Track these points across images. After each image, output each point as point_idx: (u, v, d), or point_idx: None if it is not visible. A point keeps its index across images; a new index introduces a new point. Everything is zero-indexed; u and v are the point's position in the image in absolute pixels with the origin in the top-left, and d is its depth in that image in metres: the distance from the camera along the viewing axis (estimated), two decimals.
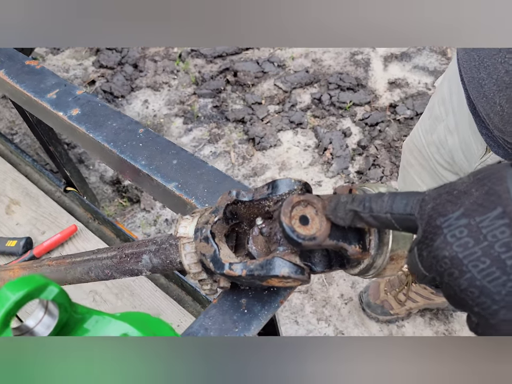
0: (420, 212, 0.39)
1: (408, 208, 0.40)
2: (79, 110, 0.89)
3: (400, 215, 0.41)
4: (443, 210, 0.36)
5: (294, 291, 1.72)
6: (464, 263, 0.34)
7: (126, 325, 0.49)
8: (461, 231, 0.34)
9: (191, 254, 0.62)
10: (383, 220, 0.43)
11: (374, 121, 2.13)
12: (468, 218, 0.34)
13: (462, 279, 0.34)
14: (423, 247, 0.38)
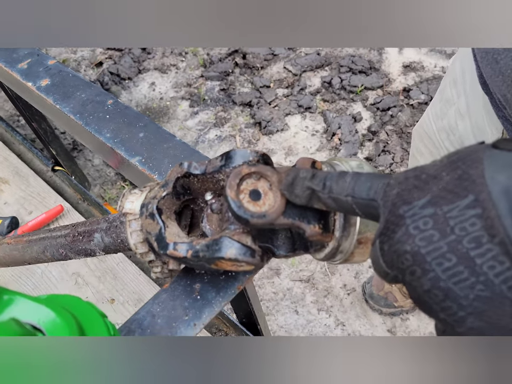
0: (384, 198, 0.34)
1: (371, 193, 0.35)
2: (49, 81, 0.84)
3: (362, 200, 0.36)
4: (408, 197, 0.31)
5: (297, 280, 1.66)
6: (427, 260, 0.29)
7: (42, 308, 0.43)
8: (425, 222, 0.30)
9: (137, 232, 0.56)
10: (343, 204, 0.38)
11: (386, 106, 2.04)
12: (435, 207, 0.30)
13: (425, 279, 0.29)
14: (384, 240, 0.33)
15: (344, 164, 0.52)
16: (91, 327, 0.46)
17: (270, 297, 1.65)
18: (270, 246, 0.54)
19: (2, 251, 0.79)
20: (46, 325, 0.43)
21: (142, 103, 2.19)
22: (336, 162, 0.53)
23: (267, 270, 1.69)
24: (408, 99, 2.08)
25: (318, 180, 0.41)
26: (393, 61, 2.22)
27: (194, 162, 0.54)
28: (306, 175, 0.43)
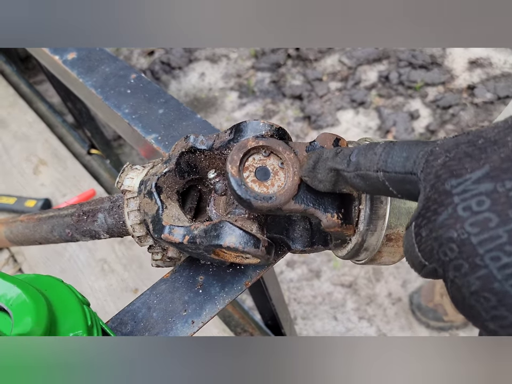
0: (425, 170, 0.27)
1: (408, 164, 0.28)
2: (75, 54, 0.80)
3: (396, 174, 0.29)
4: (458, 168, 0.25)
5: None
6: (479, 253, 0.23)
7: (13, 288, 0.38)
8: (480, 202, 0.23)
9: (135, 213, 0.49)
10: (373, 181, 0.31)
11: (447, 104, 1.89)
12: (494, 182, 0.23)
13: (474, 277, 0.23)
14: (422, 223, 0.26)
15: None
16: (64, 313, 0.40)
17: (308, 301, 1.56)
18: (284, 237, 0.46)
19: (15, 229, 0.76)
20: (13, 306, 0.38)
21: (191, 93, 2.16)
22: (366, 142, 0.44)
23: (307, 272, 1.60)
24: (472, 97, 1.92)
25: (342, 156, 0.34)
26: (458, 56, 2.06)
27: (201, 136, 0.47)
28: (329, 154, 0.36)
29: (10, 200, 1.20)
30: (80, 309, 0.41)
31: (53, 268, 1.11)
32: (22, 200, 1.20)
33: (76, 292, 0.43)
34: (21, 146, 1.36)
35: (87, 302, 0.43)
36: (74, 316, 0.40)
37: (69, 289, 0.42)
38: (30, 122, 1.41)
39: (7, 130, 1.40)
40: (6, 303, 0.38)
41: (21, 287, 0.38)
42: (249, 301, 1.47)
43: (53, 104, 1.64)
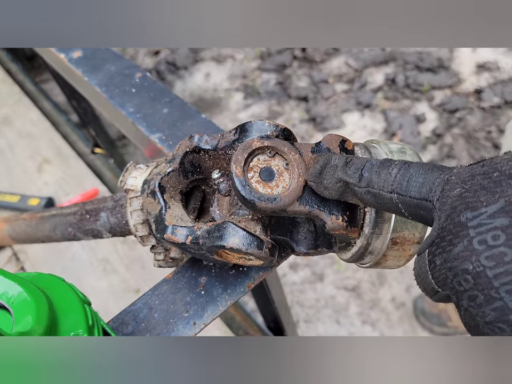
0: (441, 200, 0.27)
1: (424, 191, 0.29)
2: (81, 53, 0.80)
3: (411, 199, 0.29)
4: (473, 201, 0.25)
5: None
6: (494, 285, 0.23)
7: (14, 286, 0.38)
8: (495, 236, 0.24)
9: (138, 212, 0.49)
10: (385, 201, 0.31)
11: (454, 108, 1.88)
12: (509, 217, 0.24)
13: (489, 308, 0.24)
14: (437, 252, 0.27)
15: (383, 147, 0.43)
16: (65, 312, 0.40)
17: (311, 304, 1.55)
18: (288, 239, 0.45)
19: (18, 227, 0.75)
20: (14, 304, 0.38)
21: (196, 93, 2.15)
22: (373, 144, 0.44)
23: (310, 275, 1.59)
24: (479, 101, 1.90)
25: (354, 169, 0.33)
26: (466, 59, 2.05)
27: (206, 135, 0.46)
28: (338, 162, 0.35)
29: (14, 198, 1.20)
30: (81, 308, 0.40)
31: (55, 267, 1.10)
32: (25, 198, 1.20)
33: (77, 291, 0.42)
34: (25, 144, 1.36)
35: (88, 301, 0.43)
36: (75, 315, 0.40)
37: (71, 288, 0.42)
38: (34, 120, 1.41)
39: (11, 128, 1.40)
40: (7, 301, 0.38)
41: (22, 285, 0.38)
42: (251, 303, 1.46)
43: (58, 102, 1.64)
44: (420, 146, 1.81)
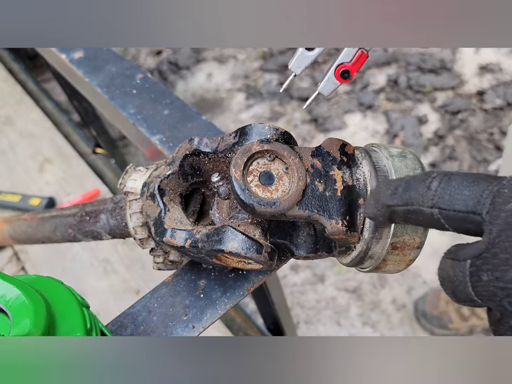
0: (492, 213, 0.25)
1: (471, 203, 0.27)
2: (82, 53, 0.80)
3: (456, 213, 0.27)
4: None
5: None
6: None
7: (12, 289, 0.37)
8: None
9: (137, 215, 0.49)
10: (426, 217, 0.29)
11: (456, 109, 1.87)
12: None
13: None
14: (484, 266, 0.25)
15: (383, 151, 0.43)
16: (63, 315, 0.40)
17: (311, 305, 1.55)
18: (288, 243, 0.45)
19: (18, 227, 0.75)
20: (12, 307, 0.38)
21: (198, 93, 2.15)
22: (373, 148, 0.44)
23: (311, 276, 1.59)
24: (482, 103, 1.90)
25: (393, 189, 0.32)
26: (468, 61, 2.05)
27: (206, 138, 0.46)
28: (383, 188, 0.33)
29: (15, 198, 1.20)
30: (80, 311, 0.40)
31: (55, 267, 1.10)
32: (26, 198, 1.20)
33: (76, 294, 0.42)
34: (26, 144, 1.36)
35: (86, 304, 0.43)
36: (73, 318, 0.40)
37: (69, 291, 0.42)
38: (36, 120, 1.41)
39: (13, 127, 1.40)
40: (5, 304, 0.38)
41: (20, 288, 0.38)
42: (252, 304, 1.46)
43: (60, 102, 1.64)
44: (421, 148, 1.81)
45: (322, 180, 0.40)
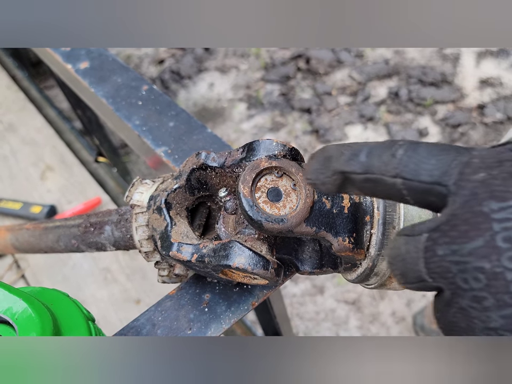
0: (459, 183, 0.23)
1: (437, 173, 0.24)
2: (88, 64, 0.80)
3: (420, 183, 0.25)
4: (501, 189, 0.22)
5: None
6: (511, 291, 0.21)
7: (19, 302, 0.37)
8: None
9: (143, 228, 0.49)
10: (387, 188, 0.26)
11: (457, 122, 1.88)
12: None
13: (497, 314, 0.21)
14: (441, 240, 0.23)
15: None
16: (69, 329, 0.40)
17: (310, 317, 1.54)
18: (293, 258, 0.45)
19: (21, 237, 0.75)
20: (19, 320, 0.38)
21: (200, 103, 2.16)
22: None
23: (310, 287, 1.59)
24: (482, 117, 1.91)
25: (349, 155, 0.28)
26: (469, 75, 2.06)
27: (213, 152, 0.46)
28: (333, 152, 0.30)
29: (16, 205, 1.20)
30: (85, 324, 0.40)
31: (56, 275, 1.10)
32: (27, 205, 1.20)
33: (82, 307, 0.42)
34: (28, 151, 1.36)
35: (92, 317, 0.43)
36: (79, 332, 0.40)
37: (75, 304, 0.42)
38: (38, 127, 1.41)
39: (15, 134, 1.40)
40: (12, 317, 0.38)
41: (27, 301, 0.38)
42: (251, 314, 1.46)
43: (62, 110, 1.65)
44: None
45: (329, 197, 0.40)
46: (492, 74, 2.05)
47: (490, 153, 0.23)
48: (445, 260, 0.22)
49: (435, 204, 0.25)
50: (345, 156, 0.28)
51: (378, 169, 0.26)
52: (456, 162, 0.24)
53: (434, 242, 0.23)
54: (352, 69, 2.17)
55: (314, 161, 0.31)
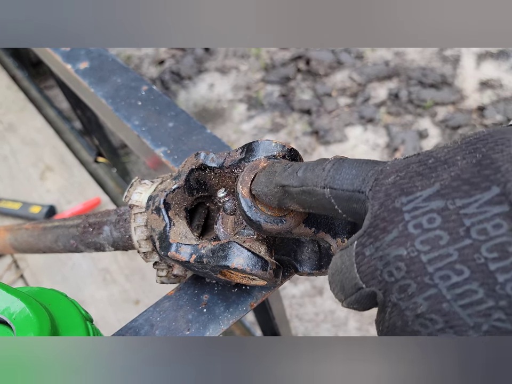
0: (374, 188, 0.26)
1: (357, 182, 0.27)
2: (88, 64, 0.80)
3: (343, 192, 0.28)
4: (408, 186, 0.24)
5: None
6: (429, 271, 0.22)
7: (16, 302, 0.37)
8: (430, 219, 0.23)
9: (142, 228, 0.49)
10: (319, 197, 0.29)
11: (457, 124, 1.88)
12: (445, 200, 0.23)
13: (421, 297, 0.22)
14: (367, 242, 0.25)
15: None
16: (67, 329, 0.40)
17: (310, 318, 1.54)
18: (292, 259, 0.45)
19: (20, 237, 0.75)
20: (16, 320, 0.38)
21: (200, 103, 2.16)
22: None
23: (310, 288, 1.59)
24: (482, 118, 1.91)
25: (290, 171, 0.32)
26: (469, 77, 2.06)
27: (212, 153, 0.46)
28: (277, 168, 0.34)
29: (16, 205, 1.20)
30: (83, 325, 0.40)
31: (55, 276, 1.10)
32: (27, 205, 1.20)
33: (80, 308, 0.42)
34: (28, 151, 1.36)
35: (90, 318, 0.43)
36: (77, 332, 0.40)
37: (73, 304, 0.42)
38: (38, 127, 1.41)
39: (15, 134, 1.40)
40: (9, 317, 0.38)
41: (24, 301, 0.38)
42: (250, 315, 1.46)
43: (62, 110, 1.65)
44: None
45: None
46: (492, 76, 2.05)
47: (400, 161, 0.26)
48: (372, 258, 0.24)
49: (358, 210, 0.27)
50: (287, 172, 0.32)
51: (311, 181, 0.30)
52: (372, 171, 0.27)
53: (363, 246, 0.25)
54: (352, 70, 2.17)
55: (262, 174, 0.36)
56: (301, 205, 0.32)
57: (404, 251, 0.23)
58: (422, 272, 0.22)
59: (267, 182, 0.34)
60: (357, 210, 0.27)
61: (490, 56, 2.13)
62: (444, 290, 0.21)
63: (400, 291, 0.23)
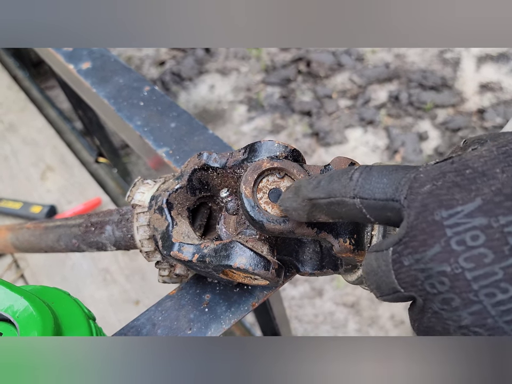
0: (410, 197, 0.26)
1: (390, 190, 0.27)
2: (90, 64, 0.80)
3: (376, 201, 0.27)
4: (447, 198, 0.24)
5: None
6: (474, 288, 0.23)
7: (20, 300, 0.38)
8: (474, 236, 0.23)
9: (144, 228, 0.49)
10: (350, 209, 0.29)
11: (457, 126, 1.89)
12: (488, 217, 0.22)
13: (466, 312, 0.23)
14: (405, 251, 0.25)
15: None
16: (70, 327, 0.40)
17: (309, 319, 1.54)
18: (293, 259, 0.45)
19: (22, 236, 0.75)
20: (20, 318, 0.38)
21: (200, 104, 2.16)
22: None
23: (309, 290, 1.59)
24: (482, 121, 1.91)
25: (315, 183, 0.32)
26: (469, 79, 2.07)
27: (215, 153, 0.47)
28: (302, 182, 0.34)
29: (16, 205, 1.20)
30: (86, 323, 0.40)
31: (55, 275, 1.10)
32: (27, 205, 1.20)
33: (82, 306, 0.42)
34: (29, 151, 1.36)
35: (93, 316, 0.43)
36: (80, 331, 0.40)
37: (76, 302, 0.42)
38: (39, 127, 1.42)
39: (16, 134, 1.41)
40: (13, 315, 0.38)
41: (28, 299, 0.38)
42: (250, 315, 1.46)
43: (63, 110, 1.65)
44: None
45: None
46: (492, 79, 2.05)
47: (434, 168, 0.26)
48: (412, 269, 0.25)
49: (393, 219, 0.27)
50: (312, 185, 0.32)
51: (339, 192, 0.29)
52: (405, 179, 0.26)
53: (400, 255, 0.25)
54: (352, 72, 2.18)
55: (288, 191, 0.35)
56: (331, 216, 0.31)
57: (448, 267, 0.23)
58: (467, 289, 0.23)
59: (294, 197, 0.34)
60: (391, 218, 0.27)
61: (490, 59, 2.14)
62: (489, 307, 0.22)
63: (443, 303, 0.23)
